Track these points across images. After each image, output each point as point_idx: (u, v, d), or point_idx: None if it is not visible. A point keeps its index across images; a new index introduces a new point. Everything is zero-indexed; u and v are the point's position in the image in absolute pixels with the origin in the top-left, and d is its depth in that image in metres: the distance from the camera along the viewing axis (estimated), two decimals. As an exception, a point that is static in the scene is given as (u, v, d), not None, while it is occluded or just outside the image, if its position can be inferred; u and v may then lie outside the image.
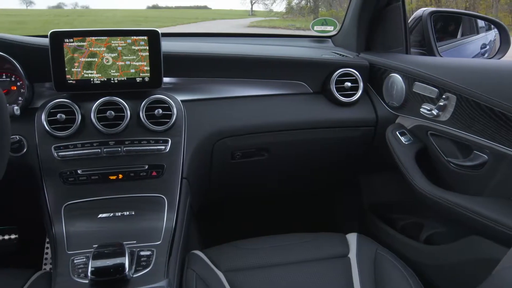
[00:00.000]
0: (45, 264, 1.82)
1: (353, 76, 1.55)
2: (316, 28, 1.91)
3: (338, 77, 1.53)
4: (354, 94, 1.55)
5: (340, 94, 1.53)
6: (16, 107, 1.13)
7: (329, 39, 1.99)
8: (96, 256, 0.99)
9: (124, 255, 0.99)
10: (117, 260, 0.98)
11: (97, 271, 0.97)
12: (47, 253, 1.85)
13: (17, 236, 1.82)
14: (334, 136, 1.57)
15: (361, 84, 1.55)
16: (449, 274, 1.30)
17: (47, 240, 1.89)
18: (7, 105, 1.00)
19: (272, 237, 1.35)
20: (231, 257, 1.23)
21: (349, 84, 1.53)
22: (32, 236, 1.89)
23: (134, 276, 1.04)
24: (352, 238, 1.31)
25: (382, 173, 1.74)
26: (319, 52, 1.74)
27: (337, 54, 1.69)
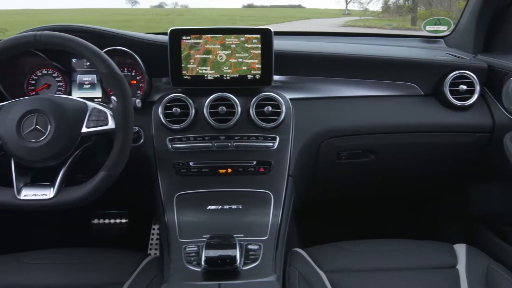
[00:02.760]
0: (151, 249, 1.92)
1: (469, 78, 1.46)
2: (428, 28, 1.83)
3: (452, 79, 1.46)
4: (469, 98, 1.46)
5: (454, 98, 1.45)
6: (138, 100, 1.20)
7: (441, 40, 1.90)
8: (209, 246, 1.03)
9: (235, 247, 1.03)
10: (229, 252, 1.02)
11: (210, 260, 1.01)
12: (152, 239, 1.96)
13: (126, 220, 1.95)
14: (445, 141, 1.50)
15: (477, 88, 1.46)
16: None
17: (153, 226, 1.99)
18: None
19: (376, 241, 1.32)
20: (334, 258, 1.23)
21: (464, 87, 1.45)
22: (140, 222, 2.00)
23: (244, 268, 1.06)
24: (460, 249, 1.25)
25: (495, 182, 1.63)
26: (431, 52, 1.66)
27: (452, 55, 1.61)
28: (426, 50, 1.74)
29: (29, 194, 1.04)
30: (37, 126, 1.04)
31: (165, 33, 1.34)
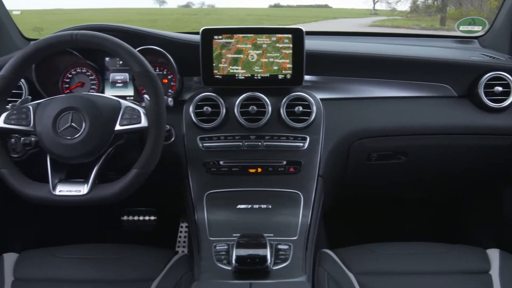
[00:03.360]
0: (178, 246, 1.94)
1: (505, 80, 1.43)
2: (462, 28, 1.79)
3: (487, 80, 1.42)
4: (504, 100, 1.42)
5: (489, 99, 1.42)
6: (170, 99, 1.21)
7: (475, 40, 1.86)
8: (239, 245, 1.03)
9: (266, 247, 1.03)
10: (260, 251, 1.02)
11: (240, 259, 1.01)
12: (180, 237, 1.97)
13: (155, 218, 1.98)
14: (479, 143, 1.48)
15: None
16: None
17: (181, 224, 2.01)
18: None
19: (406, 243, 1.31)
20: (363, 260, 1.22)
21: (500, 88, 1.41)
22: (168, 220, 2.02)
23: (274, 268, 1.06)
24: (493, 254, 1.22)
25: None
26: (465, 53, 1.63)
27: (487, 56, 1.57)
28: (460, 51, 1.71)
29: (64, 190, 1.06)
30: (72, 124, 1.06)
31: (197, 33, 1.35)
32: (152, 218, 2.02)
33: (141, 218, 2.02)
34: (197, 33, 1.34)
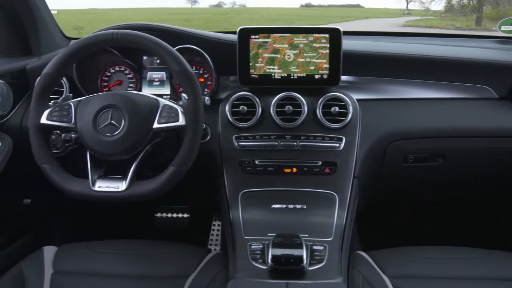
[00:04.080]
0: (210, 244, 1.96)
1: None
2: (503, 28, 1.74)
3: None
4: None
5: None
6: (207, 98, 1.22)
7: None
8: (275, 245, 1.03)
9: (302, 247, 1.03)
10: (296, 252, 1.02)
11: (276, 259, 1.01)
12: (212, 234, 1.99)
13: (188, 215, 2.00)
14: None
15: None
16: None
17: (214, 222, 2.03)
18: None
19: (441, 247, 1.28)
20: (398, 263, 1.20)
21: None
22: (201, 217, 2.04)
23: (309, 269, 1.06)
24: None
25: None
26: (506, 54, 1.58)
27: None
28: (500, 51, 1.67)
29: (102, 186, 1.08)
30: (112, 121, 1.08)
31: (231, 32, 1.36)
32: (185, 215, 2.04)
33: (174, 215, 2.05)
34: (231, 33, 1.35)
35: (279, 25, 1.34)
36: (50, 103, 1.13)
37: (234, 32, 1.34)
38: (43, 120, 1.09)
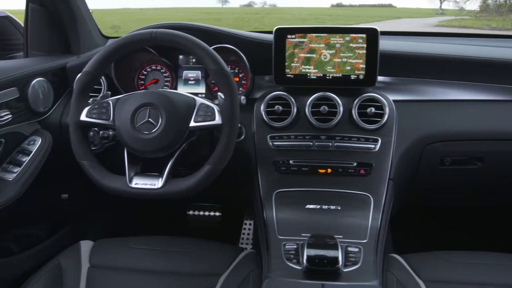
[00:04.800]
0: (241, 243, 1.96)
1: None
2: (544, 28, 1.69)
3: None
4: None
5: None
6: (243, 97, 1.22)
7: None
8: (310, 245, 1.03)
9: (337, 248, 1.02)
10: (331, 253, 1.01)
11: (312, 259, 1.00)
12: (243, 234, 2.00)
13: (220, 214, 2.01)
14: None
15: None
16: None
17: (245, 221, 2.04)
18: None
19: (478, 253, 1.25)
20: (434, 267, 1.17)
21: None
22: (232, 216, 2.05)
23: (345, 270, 1.05)
24: None
25: None
26: None
27: None
28: None
29: (139, 183, 1.09)
30: (149, 119, 1.09)
31: (265, 31, 1.36)
32: (217, 214, 2.06)
33: (206, 213, 2.07)
34: (265, 32, 1.35)
35: (309, 25, 1.33)
36: (89, 101, 1.16)
37: (268, 32, 1.34)
38: (83, 117, 1.11)
